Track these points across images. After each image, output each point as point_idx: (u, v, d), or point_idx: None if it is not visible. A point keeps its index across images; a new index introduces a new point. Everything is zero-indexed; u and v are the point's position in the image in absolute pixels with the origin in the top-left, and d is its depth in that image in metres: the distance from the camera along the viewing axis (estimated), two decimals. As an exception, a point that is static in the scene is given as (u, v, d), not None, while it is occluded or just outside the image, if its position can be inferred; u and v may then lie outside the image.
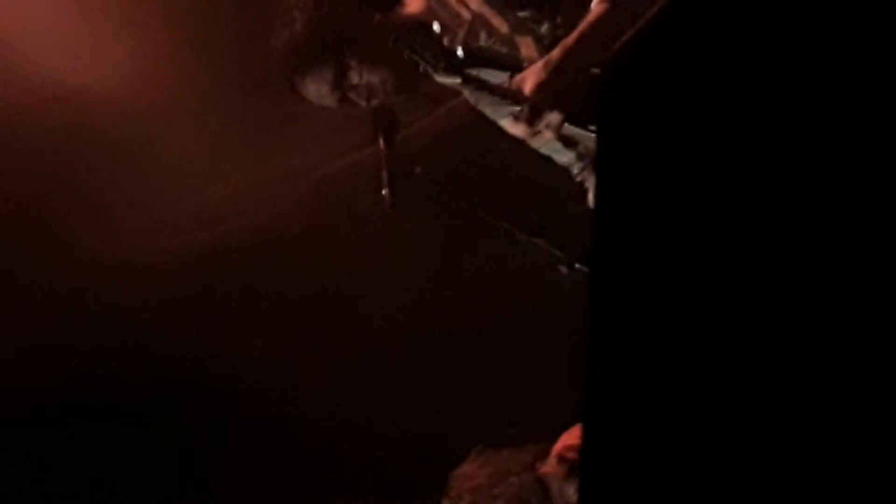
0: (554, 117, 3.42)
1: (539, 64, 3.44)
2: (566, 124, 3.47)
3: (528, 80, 3.44)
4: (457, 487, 3.60)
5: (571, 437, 3.53)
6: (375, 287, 4.49)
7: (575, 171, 3.70)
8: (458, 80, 3.54)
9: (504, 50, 3.65)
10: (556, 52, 3.43)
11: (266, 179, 4.80)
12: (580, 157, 3.64)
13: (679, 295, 1.44)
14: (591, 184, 3.67)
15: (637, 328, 1.48)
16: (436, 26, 3.58)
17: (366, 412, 4.26)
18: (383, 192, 3.76)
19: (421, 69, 3.54)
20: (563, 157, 3.66)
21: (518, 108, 3.44)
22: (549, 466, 3.55)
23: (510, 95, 3.47)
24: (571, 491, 3.47)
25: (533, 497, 3.50)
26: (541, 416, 3.87)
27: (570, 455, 3.51)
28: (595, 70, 3.25)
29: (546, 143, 3.62)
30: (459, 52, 3.56)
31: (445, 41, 3.60)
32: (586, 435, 1.57)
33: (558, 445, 3.56)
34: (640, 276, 1.47)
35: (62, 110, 4.66)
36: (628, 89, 1.45)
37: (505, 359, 4.32)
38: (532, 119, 3.41)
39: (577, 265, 3.45)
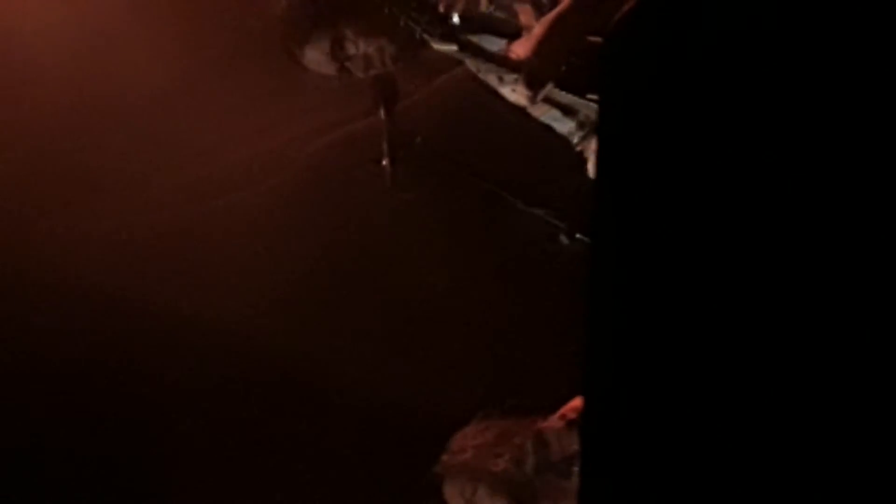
0: (550, 88, 3.42)
1: (534, 30, 3.45)
2: (565, 93, 3.47)
3: (523, 46, 3.44)
4: (459, 443, 3.63)
5: (575, 401, 3.56)
6: (375, 256, 4.49)
7: (575, 140, 3.70)
8: (454, 48, 3.54)
9: (503, 17, 3.65)
10: (549, 17, 3.43)
11: (266, 150, 4.79)
12: (580, 125, 3.64)
13: (679, 264, 1.44)
14: (591, 153, 3.67)
15: (638, 297, 1.49)
16: None
17: (365, 383, 4.27)
18: (383, 161, 3.76)
19: (417, 36, 3.54)
20: (564, 126, 3.66)
21: (515, 76, 3.45)
22: (550, 422, 3.59)
23: (507, 63, 3.47)
24: (569, 441, 3.51)
25: (532, 449, 3.54)
26: (541, 385, 3.88)
27: (570, 415, 3.55)
28: (595, 38, 3.26)
29: (546, 111, 3.62)
30: (455, 18, 3.56)
31: (441, 8, 3.60)
32: (587, 402, 1.58)
33: (565, 407, 3.60)
34: (641, 245, 1.48)
35: (66, 85, 4.66)
36: (630, 58, 1.45)
37: (505, 328, 4.32)
38: (532, 86, 3.41)
39: (577, 235, 3.45)
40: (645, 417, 1.47)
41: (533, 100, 3.43)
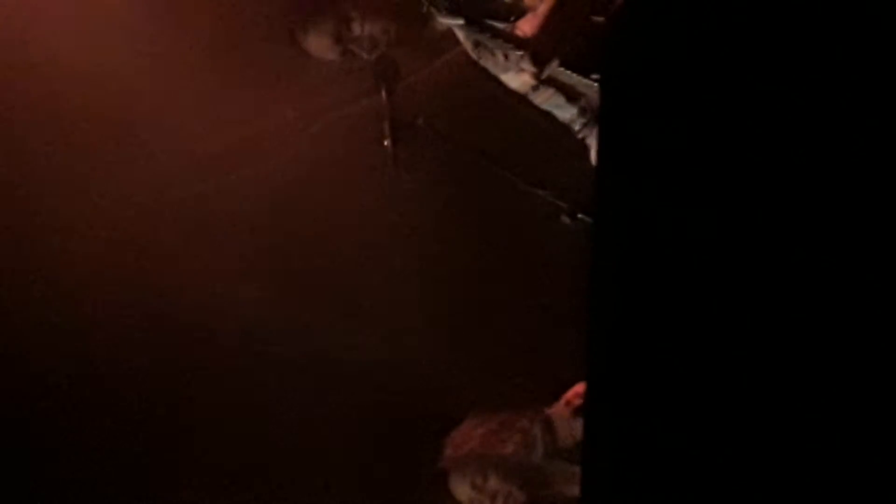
0: (556, 65, 3.41)
1: (540, 7, 3.43)
2: (569, 72, 3.46)
3: (530, 23, 3.42)
4: (461, 436, 3.63)
5: (579, 386, 3.56)
6: (377, 238, 4.48)
7: (577, 127, 3.68)
8: (460, 21, 3.52)
9: (508, 0, 3.64)
10: None
11: (266, 131, 4.78)
12: (582, 112, 3.62)
13: (683, 247, 1.44)
14: (592, 141, 3.65)
15: (641, 280, 1.49)
16: None
17: (368, 364, 4.27)
18: (385, 142, 3.75)
19: (424, 9, 3.53)
20: (565, 113, 3.64)
21: (521, 53, 3.43)
22: (556, 408, 3.59)
23: (514, 39, 3.46)
24: (576, 426, 3.51)
25: (540, 434, 3.54)
26: (546, 366, 3.88)
27: (577, 400, 3.55)
28: (599, 18, 3.24)
29: (548, 99, 3.61)
30: None
31: None
32: (590, 386, 1.58)
33: (569, 393, 3.59)
34: (644, 227, 1.48)
35: (62, 61, 4.64)
36: (634, 38, 1.45)
37: (508, 309, 4.33)
38: (538, 62, 3.39)
39: (579, 215, 3.45)
40: (648, 402, 1.47)
41: (538, 76, 3.41)
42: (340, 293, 4.43)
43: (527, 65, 3.43)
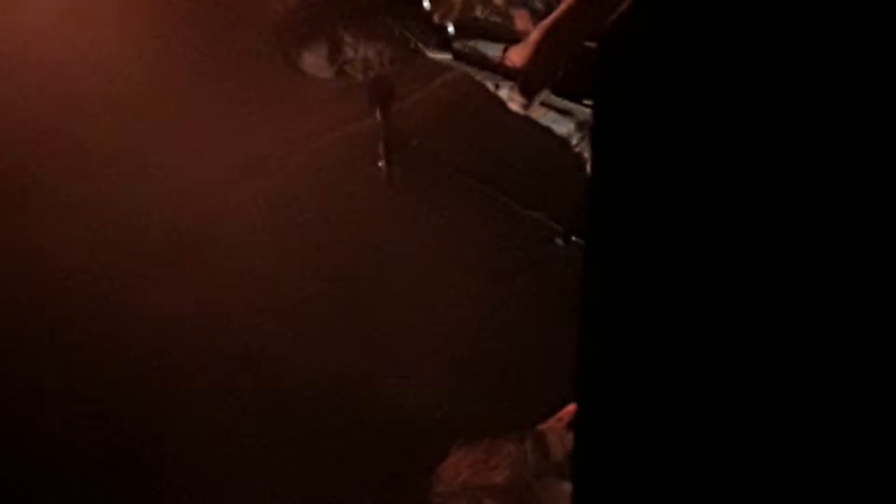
0: (544, 96, 3.43)
1: (529, 36, 3.45)
2: (560, 99, 3.47)
3: (519, 53, 3.44)
4: (450, 470, 3.62)
5: (573, 406, 3.55)
6: (371, 258, 4.49)
7: (574, 141, 3.70)
8: (449, 56, 3.55)
9: (498, 21, 3.65)
10: (545, 24, 3.43)
11: (262, 152, 4.79)
12: (579, 126, 3.64)
13: (675, 268, 1.44)
14: (590, 155, 3.66)
15: (633, 300, 1.49)
16: (426, 2, 3.58)
17: (360, 385, 4.27)
18: (380, 163, 3.76)
19: (412, 45, 3.55)
20: (563, 127, 3.66)
21: (511, 84, 3.45)
22: (548, 424, 3.58)
23: (502, 70, 3.48)
24: (567, 440, 3.50)
25: (532, 449, 3.53)
26: (535, 390, 3.88)
27: (569, 417, 3.54)
28: (589, 43, 3.26)
29: (545, 114, 3.62)
30: (450, 28, 3.57)
31: (436, 17, 3.61)
32: (580, 405, 1.58)
33: (561, 412, 3.59)
34: (636, 249, 1.48)
35: (61, 84, 4.66)
36: (624, 62, 1.45)
37: (501, 332, 4.33)
38: (526, 93, 3.41)
39: (573, 238, 3.45)
40: (640, 420, 1.47)
41: (527, 107, 3.43)
42: (333, 310, 4.44)
43: (516, 95, 3.45)
